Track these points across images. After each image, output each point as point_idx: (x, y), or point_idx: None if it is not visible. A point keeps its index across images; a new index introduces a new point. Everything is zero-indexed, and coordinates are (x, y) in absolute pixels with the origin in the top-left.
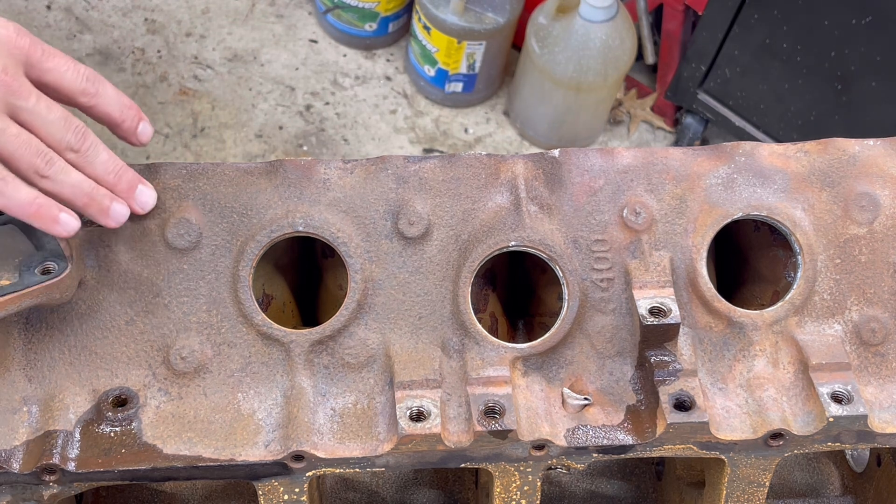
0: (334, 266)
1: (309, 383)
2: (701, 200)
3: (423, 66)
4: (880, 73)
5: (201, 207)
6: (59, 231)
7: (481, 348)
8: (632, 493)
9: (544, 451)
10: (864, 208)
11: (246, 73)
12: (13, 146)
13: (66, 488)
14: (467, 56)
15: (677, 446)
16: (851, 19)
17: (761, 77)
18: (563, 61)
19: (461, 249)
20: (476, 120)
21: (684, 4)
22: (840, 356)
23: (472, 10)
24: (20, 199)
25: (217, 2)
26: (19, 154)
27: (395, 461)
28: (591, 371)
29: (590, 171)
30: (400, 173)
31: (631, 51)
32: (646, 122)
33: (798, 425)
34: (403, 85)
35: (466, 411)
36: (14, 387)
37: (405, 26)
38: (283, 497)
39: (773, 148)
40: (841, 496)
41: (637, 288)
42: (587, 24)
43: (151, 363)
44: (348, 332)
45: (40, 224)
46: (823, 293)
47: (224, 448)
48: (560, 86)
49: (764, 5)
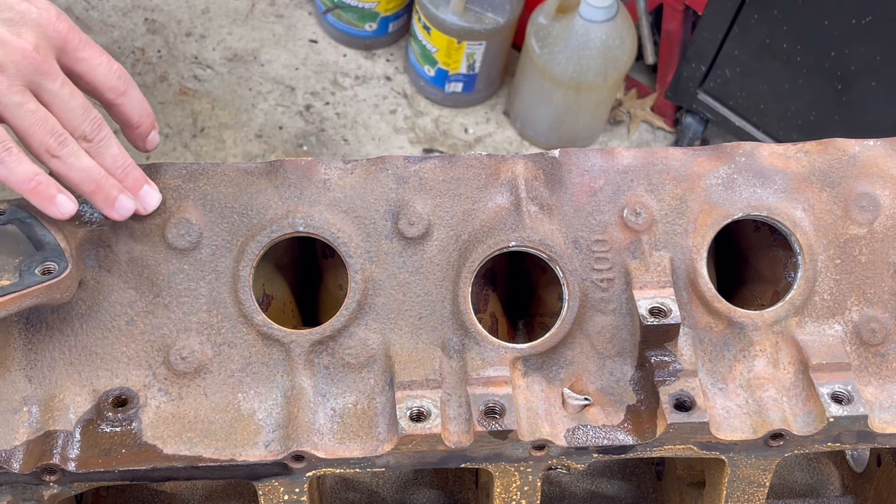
0: (334, 266)
1: (309, 383)
2: (701, 200)
3: (423, 66)
4: (880, 73)
5: (201, 207)
6: (53, 212)
7: (481, 348)
8: (632, 493)
9: (544, 452)
10: (864, 208)
11: (246, 73)
12: (28, 122)
13: (66, 488)
14: (467, 56)
15: (677, 446)
16: (851, 19)
17: (761, 77)
18: (563, 61)
19: (461, 250)
20: (476, 120)
21: (684, 4)
22: (840, 356)
23: (472, 10)
24: (21, 173)
25: (217, 2)
26: (33, 130)
27: (396, 461)
28: (592, 371)
29: (590, 171)
30: (400, 173)
31: (631, 51)
32: (646, 122)
33: (798, 425)
34: (403, 85)
35: (467, 411)
36: (14, 387)
37: (405, 26)
38: (284, 497)
39: (773, 148)
40: (841, 496)
41: (637, 288)
42: (587, 24)
43: (152, 363)
44: (348, 333)
45: (37, 201)
46: (823, 293)
47: (224, 448)
48: (560, 86)
49: (764, 5)
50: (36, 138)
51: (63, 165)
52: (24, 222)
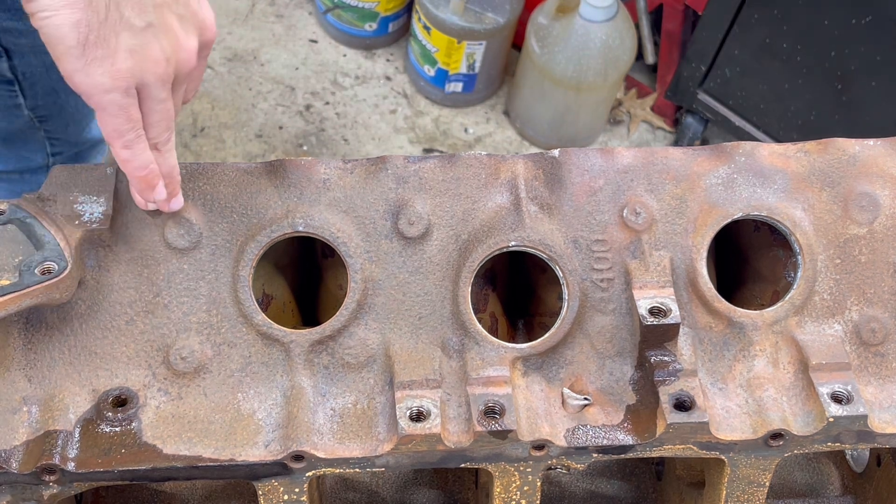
0: (334, 266)
1: (309, 383)
2: (701, 200)
3: (423, 66)
4: (880, 73)
5: (201, 207)
6: (150, 196)
7: (481, 348)
8: (632, 493)
9: (544, 451)
10: (864, 208)
11: (246, 72)
12: (159, 117)
13: (65, 488)
14: (467, 56)
15: (677, 446)
16: (851, 19)
17: (761, 77)
18: (563, 61)
19: (461, 249)
20: (476, 120)
21: (684, 4)
22: (840, 356)
23: (472, 10)
24: (142, 160)
25: (217, 2)
26: (158, 124)
27: (395, 461)
28: (591, 371)
29: (590, 171)
30: (400, 173)
31: (631, 51)
32: (646, 122)
33: (798, 425)
34: (403, 85)
35: (466, 411)
36: (14, 387)
37: (405, 26)
38: (283, 497)
39: (773, 148)
40: (841, 496)
41: (637, 288)
42: (587, 24)
43: (151, 363)
44: (348, 332)
45: (140, 185)
46: (823, 293)
47: (224, 448)
48: (560, 86)
49: (764, 5)
50: (155, 130)
51: (160, 157)
52: (24, 222)
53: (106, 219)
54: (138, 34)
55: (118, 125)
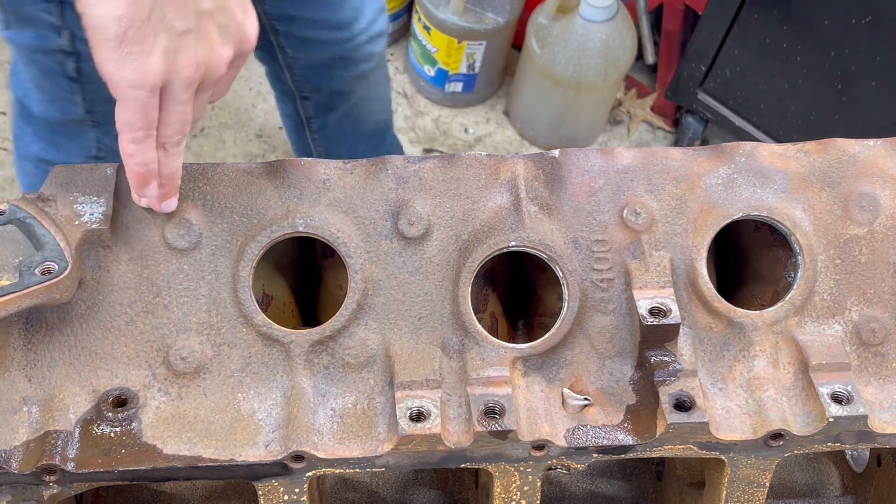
0: (334, 266)
1: (309, 383)
2: (701, 200)
3: (423, 66)
4: (880, 73)
5: (201, 208)
6: (141, 192)
7: (481, 348)
8: (632, 493)
9: (544, 452)
10: (864, 208)
11: (246, 72)
12: (176, 118)
13: (65, 488)
14: (467, 56)
15: (677, 446)
16: (851, 19)
17: (761, 77)
18: (563, 61)
19: (461, 250)
20: (476, 120)
21: (684, 4)
22: (840, 356)
23: (472, 10)
24: (144, 158)
25: None
26: (174, 125)
27: (395, 461)
28: (591, 371)
29: (590, 171)
30: (400, 173)
31: (631, 51)
32: (646, 122)
33: (798, 425)
34: (403, 85)
35: (466, 411)
36: (14, 387)
37: (405, 26)
38: (283, 497)
39: (773, 148)
40: (841, 496)
41: (637, 288)
42: (587, 24)
43: (151, 363)
44: (348, 333)
45: (137, 181)
46: (823, 293)
47: (224, 448)
48: (560, 86)
49: (764, 5)
50: (168, 130)
51: (165, 157)
52: (24, 222)
53: (106, 219)
54: (176, 38)
55: (133, 120)
